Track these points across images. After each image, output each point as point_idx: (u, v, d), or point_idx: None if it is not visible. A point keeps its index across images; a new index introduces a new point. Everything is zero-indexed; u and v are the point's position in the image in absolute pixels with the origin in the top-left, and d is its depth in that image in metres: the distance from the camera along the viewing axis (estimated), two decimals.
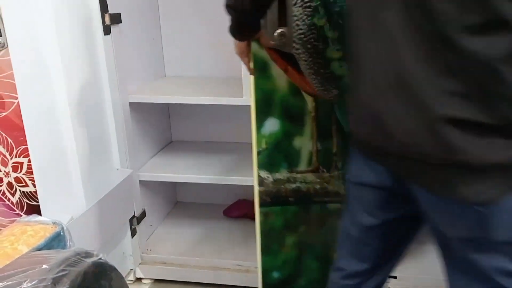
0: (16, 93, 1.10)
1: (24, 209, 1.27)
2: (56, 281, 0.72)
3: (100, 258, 0.84)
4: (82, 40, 1.22)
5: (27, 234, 0.88)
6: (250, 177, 1.50)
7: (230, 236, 1.71)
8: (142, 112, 1.60)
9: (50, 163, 1.14)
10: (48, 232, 0.90)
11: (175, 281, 1.57)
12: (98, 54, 1.29)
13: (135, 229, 1.54)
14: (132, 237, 1.53)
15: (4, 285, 0.71)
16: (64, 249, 0.94)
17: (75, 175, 1.23)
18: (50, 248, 0.88)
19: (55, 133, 1.16)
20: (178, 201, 2.03)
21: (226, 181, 1.56)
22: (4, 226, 1.10)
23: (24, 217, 0.96)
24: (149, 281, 1.59)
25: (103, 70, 1.32)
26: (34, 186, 1.25)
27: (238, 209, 1.85)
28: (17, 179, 1.21)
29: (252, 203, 1.88)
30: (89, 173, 1.27)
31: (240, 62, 1.13)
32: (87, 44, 1.25)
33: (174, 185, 2.00)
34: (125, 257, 1.53)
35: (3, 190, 1.21)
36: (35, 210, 1.27)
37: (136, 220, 1.54)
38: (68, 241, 0.94)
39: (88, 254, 0.83)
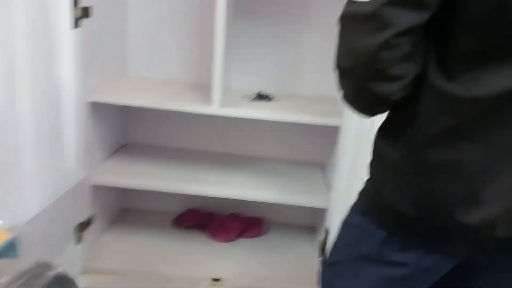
0: None
1: None
2: None
3: (60, 271, 0.78)
4: (48, 31, 1.13)
5: None
6: (205, 187, 1.50)
7: (180, 247, 1.67)
8: (99, 112, 1.52)
9: (2, 159, 1.04)
10: (0, 239, 0.82)
11: None
12: (63, 47, 1.20)
13: (80, 236, 1.44)
14: (76, 244, 1.43)
15: None
16: (15, 258, 0.85)
17: (28, 173, 1.13)
18: (1, 257, 0.80)
19: (11, 126, 1.05)
20: (128, 207, 1.94)
21: (177, 189, 1.53)
22: None
23: None
24: None
25: (66, 64, 1.24)
26: None
27: (190, 219, 1.82)
28: None
29: (203, 213, 1.87)
30: (43, 172, 1.17)
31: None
32: (53, 36, 1.16)
33: (123, 190, 1.91)
34: (69, 265, 1.42)
35: None
36: None
37: (82, 227, 1.44)
38: (19, 251, 0.86)
39: (48, 267, 0.76)
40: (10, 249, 0.83)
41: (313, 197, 1.53)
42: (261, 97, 1.59)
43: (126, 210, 1.91)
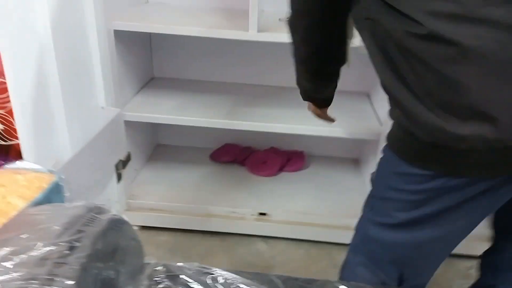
0: None
1: None
2: (73, 244, 0.60)
3: (114, 214, 0.72)
4: None
5: (19, 184, 0.72)
6: (242, 121, 1.40)
7: (221, 182, 1.63)
8: (125, 42, 1.40)
9: (31, 98, 0.96)
10: (44, 183, 0.75)
11: (164, 228, 1.49)
12: None
13: (120, 174, 1.40)
14: (118, 182, 1.40)
15: (8, 252, 0.57)
16: (62, 202, 0.80)
17: (58, 113, 1.05)
18: (49, 202, 0.74)
19: (36, 63, 0.96)
20: (159, 143, 1.88)
21: (213, 124, 1.43)
22: None
23: (11, 163, 0.80)
24: (135, 228, 1.49)
25: None
26: (1, 123, 1.07)
27: (227, 154, 1.75)
28: None
29: (240, 148, 1.80)
30: (74, 111, 1.09)
31: None
32: None
33: (155, 126, 1.84)
34: (111, 204, 1.40)
35: None
36: (2, 150, 1.10)
37: (122, 164, 1.39)
38: (66, 192, 0.80)
39: (101, 210, 0.70)
40: (56, 191, 0.77)
41: (362, 128, 1.42)
42: None
43: (158, 147, 1.86)
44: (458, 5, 0.53)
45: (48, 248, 0.59)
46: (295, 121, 1.44)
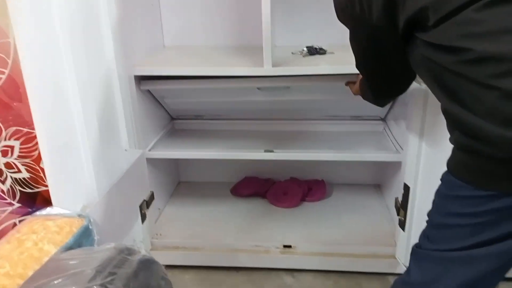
0: (5, 68, 0.95)
1: (17, 198, 1.15)
2: (106, 287, 0.61)
3: (144, 255, 0.73)
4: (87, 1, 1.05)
5: (50, 230, 0.75)
6: (258, 151, 1.42)
7: (243, 216, 1.63)
8: (144, 89, 1.45)
9: (59, 146, 1.00)
10: (74, 227, 0.77)
11: (190, 266, 1.48)
12: (102, 18, 1.12)
13: (144, 213, 1.42)
14: (142, 222, 1.41)
15: None
16: (92, 245, 0.82)
17: (85, 158, 1.08)
18: (79, 246, 0.76)
19: (63, 111, 1.00)
20: (181, 180, 1.91)
21: (232, 156, 1.46)
22: None
23: (42, 210, 0.83)
24: None
25: (108, 38, 1.16)
26: (28, 171, 1.12)
27: (248, 186, 1.76)
28: (8, 165, 1.09)
29: (261, 180, 1.81)
30: (100, 155, 1.13)
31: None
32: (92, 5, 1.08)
33: (176, 164, 1.88)
34: (136, 244, 1.41)
35: None
36: (29, 198, 1.14)
37: (145, 204, 1.42)
38: (96, 235, 0.82)
39: (131, 251, 0.72)
40: (86, 235, 0.79)
41: (384, 152, 1.42)
42: (313, 51, 1.44)
43: (182, 184, 1.88)
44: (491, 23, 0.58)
45: None
46: (314, 148, 1.45)
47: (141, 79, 1.39)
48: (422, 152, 1.21)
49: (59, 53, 0.97)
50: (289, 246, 1.43)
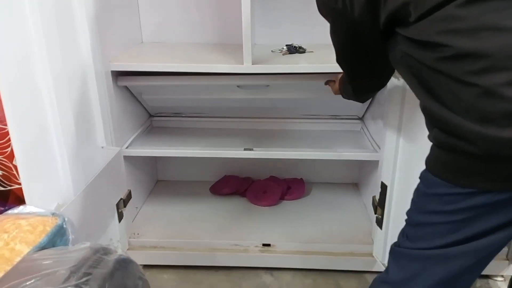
0: None
1: None
2: None
3: (121, 255, 0.72)
4: None
5: (23, 229, 0.72)
6: (238, 150, 1.42)
7: (222, 215, 1.62)
8: (122, 83, 1.42)
9: (33, 142, 0.96)
10: (48, 226, 0.75)
11: (168, 266, 1.46)
12: (77, 11, 1.09)
13: (121, 212, 1.39)
14: (119, 221, 1.38)
15: None
16: (66, 244, 0.79)
17: (60, 155, 1.05)
18: (53, 245, 0.74)
19: (36, 107, 0.97)
20: (159, 179, 1.88)
21: (212, 154, 1.45)
22: None
23: (14, 209, 0.79)
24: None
25: (83, 31, 1.13)
26: (0, 169, 1.07)
27: (226, 185, 1.75)
28: None
29: (240, 179, 1.81)
30: (75, 152, 1.10)
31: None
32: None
33: (154, 162, 1.85)
34: (113, 243, 1.38)
35: None
36: (1, 196, 1.10)
37: (123, 203, 1.39)
38: (70, 235, 0.79)
39: (107, 251, 0.70)
40: (60, 234, 0.77)
41: (361, 151, 1.44)
42: (292, 50, 1.45)
43: (160, 183, 1.86)
44: (472, 20, 0.58)
45: None
46: (293, 147, 1.45)
47: (118, 75, 1.36)
48: (399, 150, 1.23)
49: (32, 47, 0.94)
50: (268, 245, 1.43)
